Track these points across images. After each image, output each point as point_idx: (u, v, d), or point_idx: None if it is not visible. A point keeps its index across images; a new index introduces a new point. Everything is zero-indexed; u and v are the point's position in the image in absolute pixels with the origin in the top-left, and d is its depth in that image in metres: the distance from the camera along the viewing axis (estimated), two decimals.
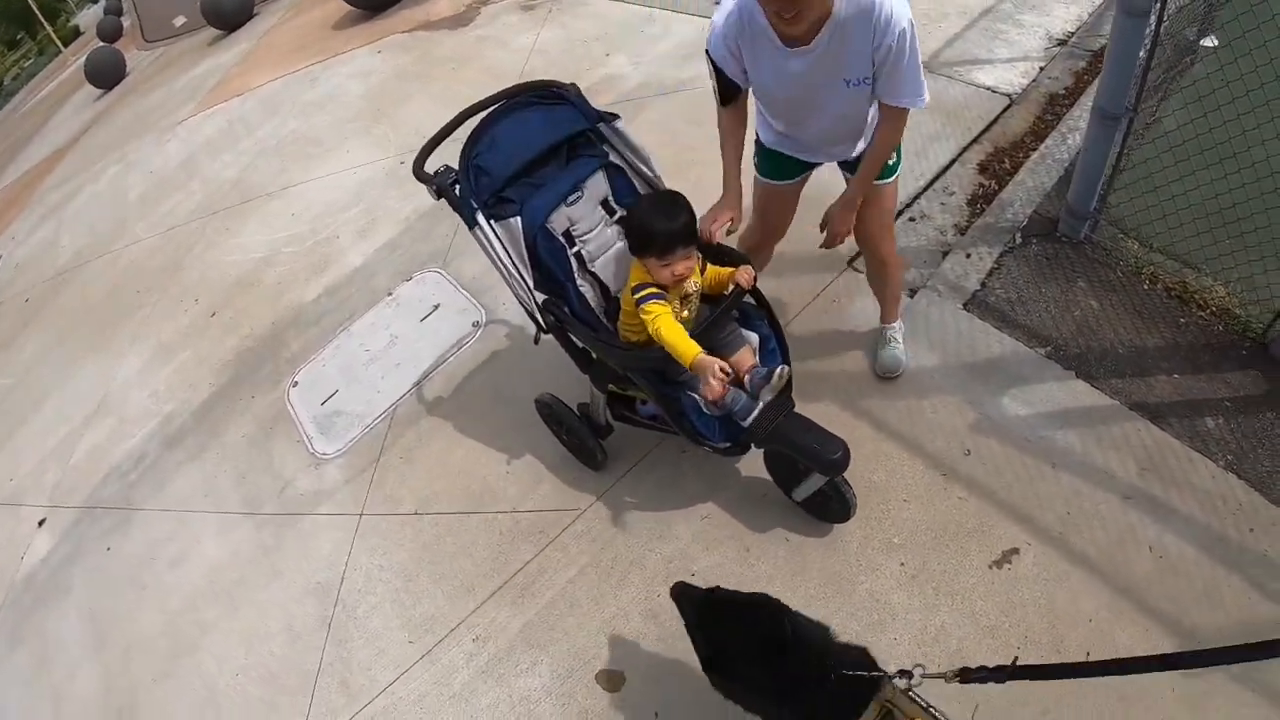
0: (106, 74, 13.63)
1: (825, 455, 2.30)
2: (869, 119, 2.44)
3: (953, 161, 3.85)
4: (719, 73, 2.36)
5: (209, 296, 5.56)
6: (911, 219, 3.70)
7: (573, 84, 2.58)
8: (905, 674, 1.53)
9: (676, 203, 2.32)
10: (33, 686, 3.88)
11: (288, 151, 6.65)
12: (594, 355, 2.68)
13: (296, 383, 4.43)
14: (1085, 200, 3.25)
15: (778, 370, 2.35)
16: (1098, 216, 3.29)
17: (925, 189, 3.78)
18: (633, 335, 2.54)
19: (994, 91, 4.21)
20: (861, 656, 1.70)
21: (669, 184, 4.01)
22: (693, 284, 2.44)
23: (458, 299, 4.35)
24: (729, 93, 2.41)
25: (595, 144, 2.58)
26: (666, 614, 2.69)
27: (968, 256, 3.45)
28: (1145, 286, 3.17)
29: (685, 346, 2.24)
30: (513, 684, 2.78)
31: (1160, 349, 2.97)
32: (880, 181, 2.55)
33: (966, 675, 1.43)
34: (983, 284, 3.34)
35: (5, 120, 20.18)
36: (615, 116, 2.55)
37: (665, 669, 2.65)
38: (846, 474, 2.46)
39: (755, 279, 2.41)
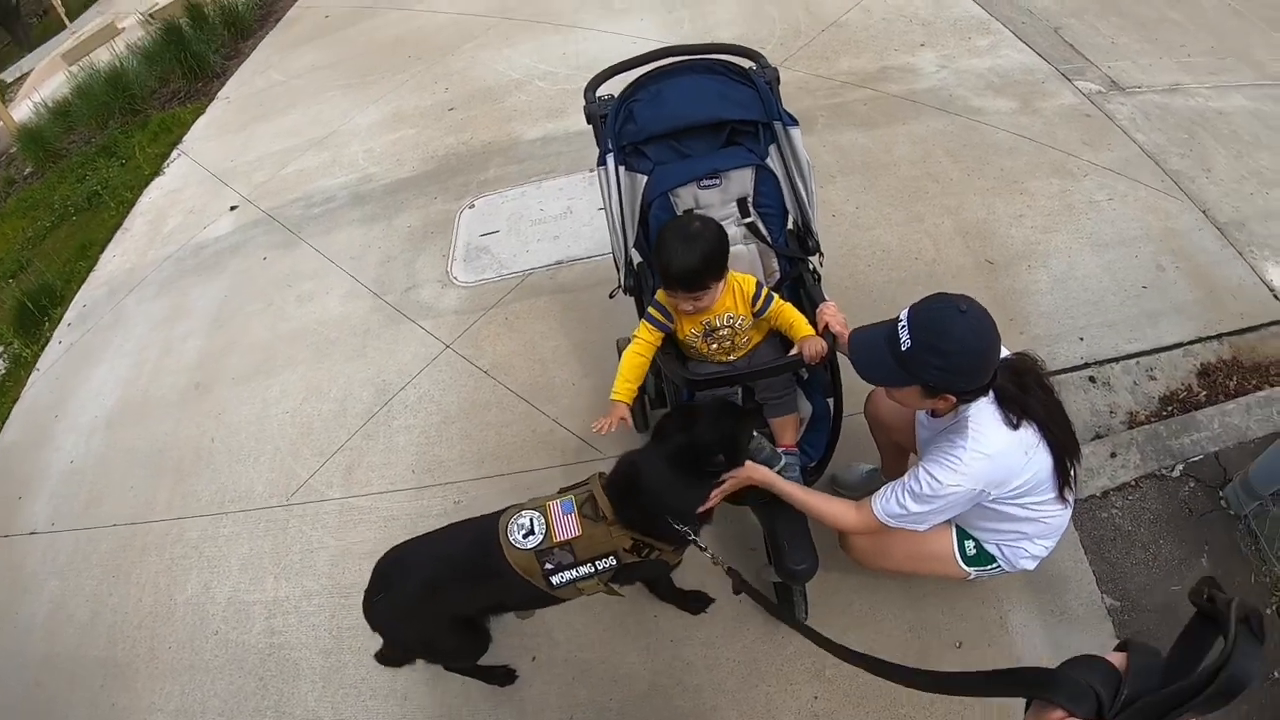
0: None
1: (788, 560, 2.16)
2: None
3: (1177, 345, 3.22)
4: None
5: (457, 91, 5.90)
6: (1091, 378, 3.18)
7: (774, 69, 2.40)
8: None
9: (697, 237, 2.08)
10: (156, 330, 4.58)
11: None
12: None
13: (474, 205, 4.71)
14: (1268, 481, 2.62)
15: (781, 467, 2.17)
16: (1271, 506, 2.63)
17: (1129, 357, 3.20)
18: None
19: (1275, 297, 3.40)
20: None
21: (886, 204, 3.94)
22: (725, 319, 2.28)
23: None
24: None
25: (759, 140, 2.39)
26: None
27: (1113, 455, 2.91)
28: (1271, 610, 2.49)
29: (617, 384, 2.32)
30: None
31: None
32: None
33: None
34: (1105, 493, 2.83)
35: None
36: (794, 121, 2.37)
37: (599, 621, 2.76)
38: (821, 589, 2.38)
39: (823, 356, 2.15)
